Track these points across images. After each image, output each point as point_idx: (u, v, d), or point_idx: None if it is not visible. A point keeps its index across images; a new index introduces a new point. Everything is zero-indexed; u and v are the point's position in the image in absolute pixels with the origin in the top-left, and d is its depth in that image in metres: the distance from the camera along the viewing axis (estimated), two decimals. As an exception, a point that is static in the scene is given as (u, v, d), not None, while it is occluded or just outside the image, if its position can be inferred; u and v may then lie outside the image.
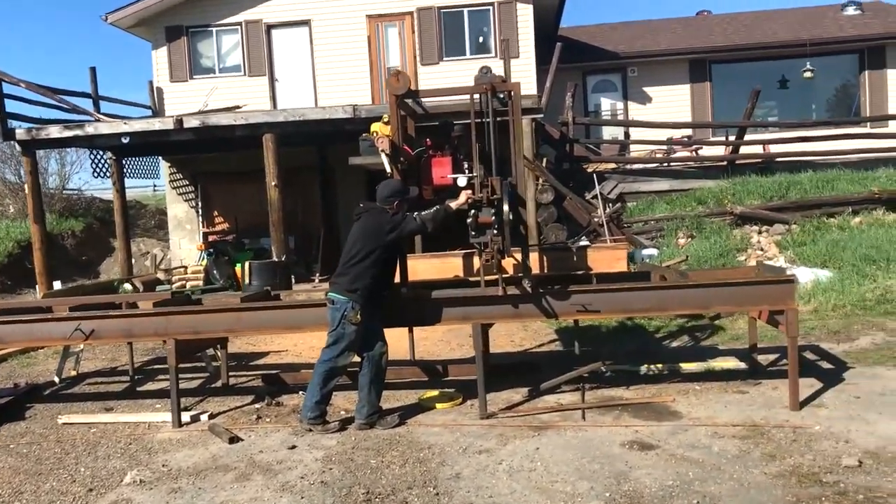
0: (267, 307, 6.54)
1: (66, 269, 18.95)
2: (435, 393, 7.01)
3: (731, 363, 7.63)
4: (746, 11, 23.71)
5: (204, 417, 6.66)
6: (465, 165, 6.79)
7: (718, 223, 12.99)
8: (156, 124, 13.40)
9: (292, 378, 7.52)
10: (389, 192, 6.30)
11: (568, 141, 15.38)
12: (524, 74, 18.34)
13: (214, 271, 15.73)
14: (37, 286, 14.70)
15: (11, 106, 13.55)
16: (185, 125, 13.12)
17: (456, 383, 7.36)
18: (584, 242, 12.27)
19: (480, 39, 18.87)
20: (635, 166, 16.59)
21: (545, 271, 7.37)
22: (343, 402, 6.89)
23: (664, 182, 15.33)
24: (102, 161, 16.66)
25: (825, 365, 7.46)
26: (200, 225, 18.82)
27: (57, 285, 15.02)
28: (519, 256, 6.54)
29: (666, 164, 16.58)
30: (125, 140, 13.29)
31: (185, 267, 16.36)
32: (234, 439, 6.02)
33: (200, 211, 18.84)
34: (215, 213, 18.90)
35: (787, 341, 6.17)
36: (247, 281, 12.40)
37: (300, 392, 7.03)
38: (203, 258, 16.92)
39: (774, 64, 20.73)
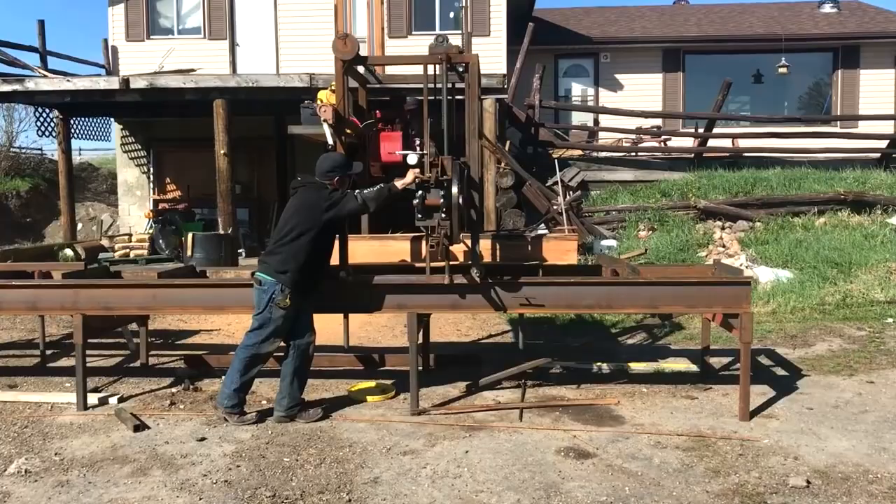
0: (186, 285, 6.03)
1: (9, 231, 18.23)
2: (369, 384, 6.56)
3: (683, 365, 7.28)
4: (723, 3, 23.34)
5: (113, 401, 6.15)
6: (417, 142, 6.30)
7: (682, 217, 12.65)
8: (101, 83, 12.71)
9: (217, 361, 7.03)
10: (330, 167, 5.79)
11: (533, 124, 14.92)
12: (494, 53, 17.87)
13: (160, 241, 15.13)
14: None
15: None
16: (132, 86, 12.44)
17: (393, 374, 6.93)
18: (542, 230, 11.86)
19: (451, 14, 18.31)
20: (601, 154, 16.21)
21: (497, 260, 6.91)
22: (267, 389, 6.43)
23: (629, 172, 14.96)
24: (48, 119, 15.91)
25: (779, 371, 7.13)
26: (151, 192, 18.13)
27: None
28: (469, 243, 6.09)
29: (633, 154, 16.22)
30: (67, 98, 12.57)
31: (130, 235, 15.70)
32: (139, 427, 5.52)
33: (152, 177, 18.14)
34: (168, 180, 18.21)
35: (740, 347, 5.80)
36: (188, 253, 11.82)
37: (223, 377, 6.53)
38: (150, 227, 16.29)
39: (749, 58, 20.45)
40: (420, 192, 5.79)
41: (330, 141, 6.48)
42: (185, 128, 16.83)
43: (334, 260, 5.96)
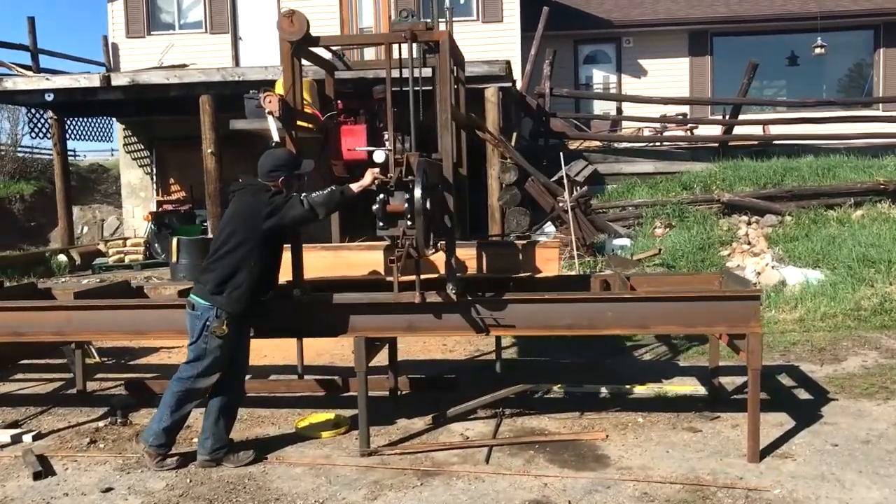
0: (103, 307, 5.25)
1: (12, 235, 17.77)
2: (321, 417, 5.72)
3: (689, 387, 6.34)
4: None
5: (28, 438, 5.41)
6: (386, 137, 5.44)
7: (703, 211, 11.63)
8: (81, 80, 12.08)
9: (161, 387, 6.17)
10: (272, 165, 4.95)
11: (544, 114, 13.97)
12: (507, 40, 16.98)
13: (156, 245, 14.53)
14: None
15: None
16: (114, 83, 11.79)
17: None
18: (548, 229, 10.95)
19: (462, 1, 17.41)
20: (622, 145, 15.19)
21: (483, 271, 6.01)
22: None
23: (649, 163, 13.94)
24: (42, 120, 15.35)
25: (802, 394, 6.16)
26: (155, 193, 17.53)
27: (-18, 254, 13.77)
28: (438, 254, 5.23)
29: (654, 144, 15.16)
30: (48, 97, 11.96)
31: (125, 239, 15.09)
32: (40, 474, 4.76)
33: (155, 178, 17.54)
34: (171, 181, 17.59)
35: (749, 375, 4.86)
36: (174, 258, 11.12)
37: (161, 407, 5.76)
38: (148, 230, 15.68)
39: (783, 38, 19.21)
40: (381, 195, 4.95)
41: (275, 136, 5.65)
42: (187, 126, 16.14)
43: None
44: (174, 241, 11.29)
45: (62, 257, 14.16)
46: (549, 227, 10.89)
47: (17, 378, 7.02)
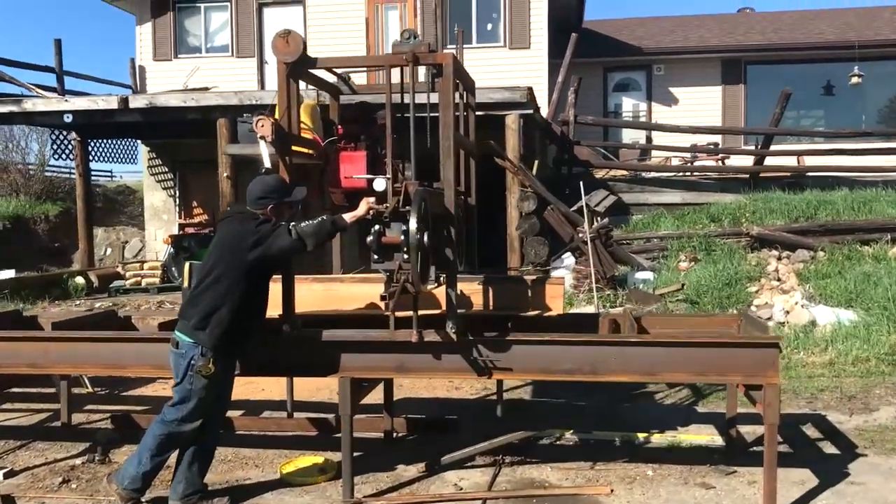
0: (81, 339, 4.99)
1: (36, 255, 17.75)
2: (308, 461, 5.38)
3: (706, 437, 5.91)
4: (792, 10, 21.59)
5: (-1, 476, 5.15)
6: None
7: (731, 245, 11.17)
8: (99, 103, 12.00)
9: (148, 422, 5.92)
10: (261, 192, 4.65)
11: (568, 142, 13.63)
12: (535, 67, 16.70)
13: (173, 268, 14.36)
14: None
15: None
16: (132, 105, 11.69)
17: (356, 443, 5.74)
18: (568, 260, 10.57)
19: (489, 27, 17.21)
20: (651, 174, 14.79)
21: (490, 307, 5.66)
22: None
23: (676, 194, 13.51)
24: (66, 141, 15.35)
25: (828, 448, 5.70)
26: (177, 216, 17.45)
27: (2, 275, 13.71)
28: (441, 288, 4.89)
29: (687, 175, 14.70)
30: (67, 119, 11.91)
31: (143, 262, 14.96)
32: (1, 518, 4.50)
33: (178, 201, 17.46)
34: (194, 204, 17.49)
35: (765, 430, 4.45)
36: (185, 283, 10.90)
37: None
38: (167, 253, 15.56)
39: (819, 67, 18.67)
40: (376, 226, 4.65)
41: (266, 162, 5.39)
42: (209, 149, 16.05)
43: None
44: (186, 265, 11.07)
45: (79, 279, 14.05)
46: (569, 259, 10.52)
47: (4, 408, 6.79)
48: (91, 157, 16.05)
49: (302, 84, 5.57)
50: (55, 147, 15.05)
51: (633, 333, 5.01)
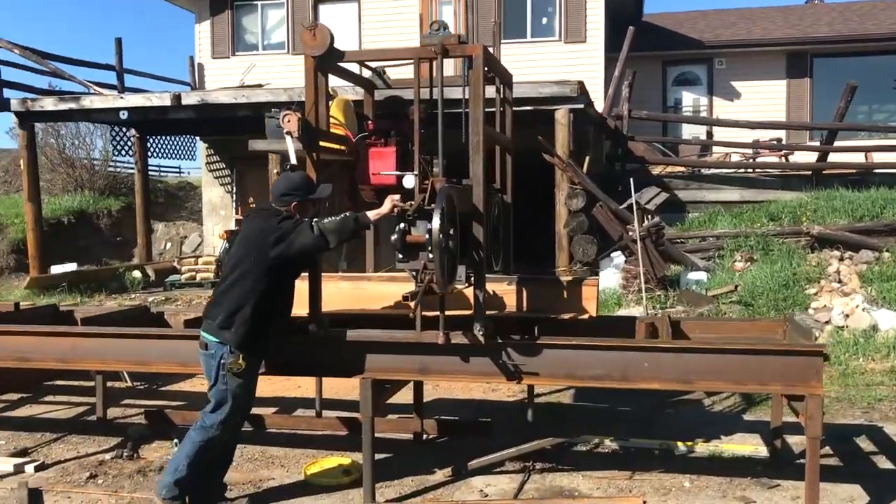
0: (107, 335, 5.00)
1: (99, 249, 18.17)
2: (333, 462, 5.30)
3: (749, 447, 5.63)
4: (863, 0, 20.69)
5: (30, 468, 5.20)
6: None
7: (790, 245, 10.72)
8: (153, 99, 12.17)
9: (182, 418, 5.97)
10: (285, 189, 4.58)
11: (621, 137, 13.30)
12: (590, 61, 16.41)
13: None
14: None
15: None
16: (184, 102, 11.83)
17: (383, 443, 5.64)
18: (617, 259, 10.29)
19: (544, 20, 16.95)
20: (710, 171, 14.33)
21: (523, 309, 5.49)
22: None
23: (734, 191, 13.06)
24: (126, 138, 15.67)
25: (883, 463, 5.37)
26: (234, 211, 17.66)
27: (58, 269, 14.05)
28: (468, 289, 4.75)
29: (748, 171, 14.18)
30: (123, 115, 12.12)
31: (198, 257, 15.16)
32: (24, 513, 4.51)
33: (235, 196, 17.67)
34: (251, 199, 17.65)
35: (807, 444, 4.19)
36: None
37: (175, 441, 5.46)
38: (223, 248, 15.75)
39: (890, 60, 17.84)
40: (401, 224, 4.53)
41: (292, 158, 5.32)
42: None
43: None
44: (234, 261, 11.17)
45: (136, 273, 14.34)
46: (618, 257, 10.23)
47: (46, 400, 6.90)
48: (150, 154, 16.36)
49: (341, 81, 5.53)
50: (115, 143, 15.36)
51: (668, 338, 4.77)
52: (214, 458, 4.54)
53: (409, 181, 4.67)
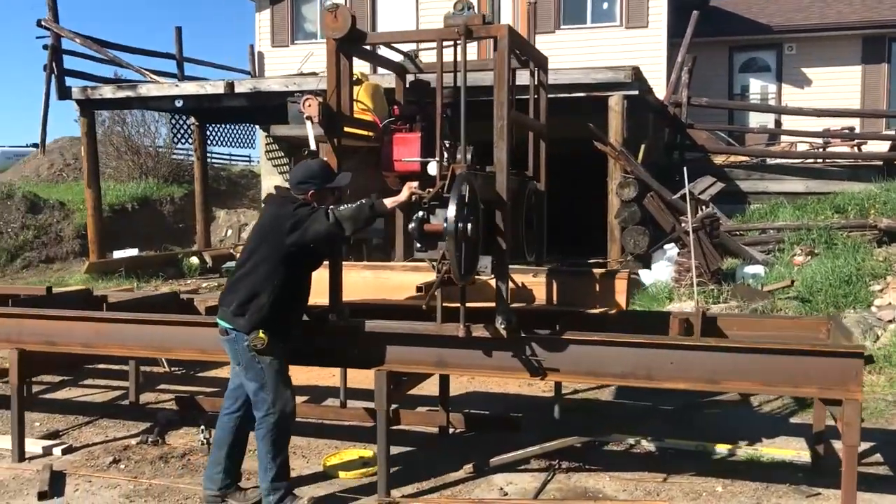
0: (130, 320, 5.00)
1: (161, 236, 18.55)
2: (358, 453, 5.23)
3: (791, 451, 5.32)
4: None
5: (57, 451, 5.26)
6: (447, 146, 4.90)
7: (856, 238, 10.19)
8: (207, 87, 12.29)
9: (211, 404, 5.94)
10: (303, 177, 4.49)
11: (680, 125, 12.88)
12: (652, 46, 16.02)
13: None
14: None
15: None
16: (237, 90, 11.90)
17: (407, 436, 5.54)
18: (670, 251, 9.96)
19: (605, 5, 16.58)
20: (775, 161, 13.77)
21: (553, 302, 5.30)
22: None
23: (799, 182, 12.52)
24: (185, 126, 15.92)
25: (936, 473, 5.01)
26: (291, 199, 17.79)
27: (120, 254, 14.37)
28: (492, 280, 4.59)
29: (818, 161, 13.55)
30: (178, 103, 12.28)
31: (250, 244, 15.29)
32: (44, 495, 4.56)
33: (292, 185, 17.79)
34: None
35: (843, 452, 3.91)
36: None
37: (202, 427, 5.46)
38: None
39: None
40: (420, 213, 4.40)
41: (312, 144, 5.22)
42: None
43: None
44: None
45: (194, 259, 14.55)
46: (672, 249, 9.88)
47: (86, 383, 7.01)
48: (210, 142, 16.59)
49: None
50: (174, 131, 15.62)
51: (699, 336, 4.52)
52: (233, 443, 4.49)
53: (434, 168, 4.54)
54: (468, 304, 4.46)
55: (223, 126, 17.03)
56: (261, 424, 4.32)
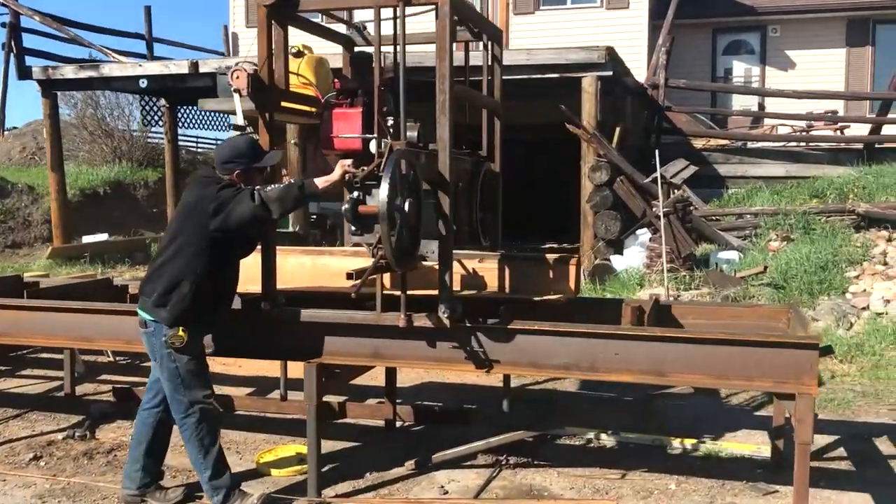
0: (52, 308, 4.70)
1: (134, 220, 18.17)
2: (295, 450, 4.96)
3: (751, 446, 5.07)
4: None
5: (-24, 448, 4.97)
6: (390, 123, 4.59)
7: (834, 223, 9.95)
8: (171, 67, 11.91)
9: (151, 395, 5.66)
10: (228, 156, 4.17)
11: (657, 108, 12.60)
12: (633, 28, 15.75)
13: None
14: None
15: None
16: (201, 69, 11.52)
17: (355, 430, 5.28)
18: (643, 237, 9.70)
19: (588, -15, 16.23)
20: (757, 145, 13.51)
21: (505, 289, 5.01)
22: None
23: (779, 166, 12.27)
24: (155, 108, 15.55)
25: (899, 467, 4.78)
26: (266, 183, 17.47)
27: (88, 239, 14.03)
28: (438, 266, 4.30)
29: (800, 145, 13.30)
30: (143, 83, 11.90)
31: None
32: (-52, 496, 4.27)
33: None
34: (284, 172, 17.44)
35: (796, 450, 3.66)
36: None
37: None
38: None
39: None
40: (354, 193, 4.12)
41: (239, 119, 4.93)
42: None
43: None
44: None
45: (163, 244, 14.20)
46: (644, 235, 9.62)
47: (24, 374, 6.71)
48: (181, 124, 16.23)
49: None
50: (144, 114, 15.25)
51: (649, 325, 4.25)
52: (153, 439, 4.21)
53: (375, 146, 4.26)
54: (411, 292, 4.20)
55: (195, 108, 16.65)
56: (182, 427, 4.05)
